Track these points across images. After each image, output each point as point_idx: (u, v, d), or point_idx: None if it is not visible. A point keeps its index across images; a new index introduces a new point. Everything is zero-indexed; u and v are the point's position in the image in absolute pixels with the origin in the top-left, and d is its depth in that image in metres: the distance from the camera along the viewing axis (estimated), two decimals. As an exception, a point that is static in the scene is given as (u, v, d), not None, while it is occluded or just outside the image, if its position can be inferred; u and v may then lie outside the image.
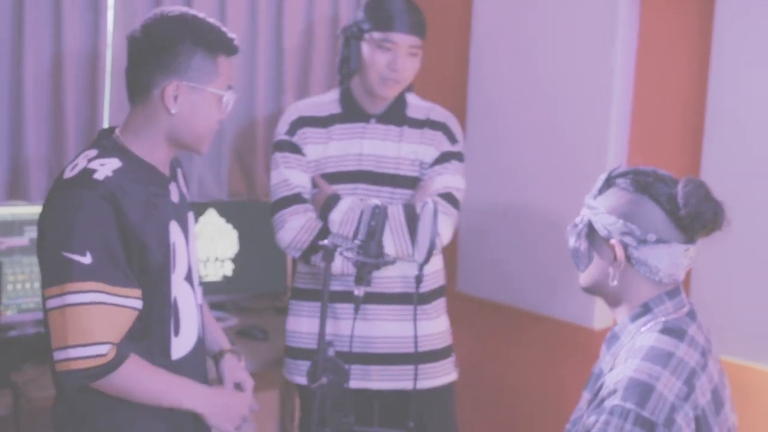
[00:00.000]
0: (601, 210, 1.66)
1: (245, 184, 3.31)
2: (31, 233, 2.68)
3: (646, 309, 1.65)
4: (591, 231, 1.68)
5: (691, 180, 1.61)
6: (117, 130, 1.89)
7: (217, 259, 3.15)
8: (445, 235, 2.46)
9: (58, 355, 1.74)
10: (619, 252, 1.63)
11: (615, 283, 1.65)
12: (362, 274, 1.90)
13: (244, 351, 2.11)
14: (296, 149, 2.50)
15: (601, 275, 1.68)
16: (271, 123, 3.31)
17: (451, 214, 2.48)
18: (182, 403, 1.88)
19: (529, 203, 3.02)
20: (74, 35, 2.84)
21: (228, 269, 3.18)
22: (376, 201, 1.89)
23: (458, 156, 2.56)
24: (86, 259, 1.72)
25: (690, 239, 1.63)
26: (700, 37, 2.69)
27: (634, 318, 1.66)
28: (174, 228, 1.90)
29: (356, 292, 1.92)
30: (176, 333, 1.91)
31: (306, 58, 3.38)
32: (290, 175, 2.48)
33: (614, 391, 1.53)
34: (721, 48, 2.59)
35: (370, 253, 1.89)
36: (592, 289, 1.74)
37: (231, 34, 1.89)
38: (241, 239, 3.19)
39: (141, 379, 1.81)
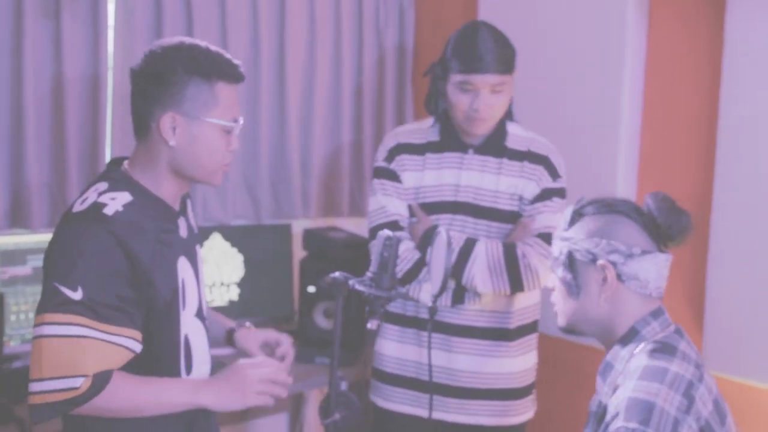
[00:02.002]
0: (578, 237, 1.70)
1: (251, 207, 3.27)
2: (34, 262, 2.64)
3: (633, 332, 1.68)
4: (572, 261, 1.72)
5: (657, 193, 1.71)
6: (126, 163, 1.86)
7: (222, 283, 3.11)
8: (542, 276, 2.40)
9: (34, 387, 1.68)
10: (610, 272, 1.67)
11: (606, 305, 1.69)
12: (374, 308, 1.84)
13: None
14: (394, 176, 2.50)
15: (591, 303, 1.71)
16: (274, 146, 3.29)
17: (550, 255, 2.42)
18: (181, 403, 1.78)
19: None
20: (74, 56, 2.79)
21: (234, 294, 3.14)
22: (388, 232, 1.84)
23: (560, 192, 2.48)
24: (76, 294, 1.67)
25: (665, 249, 1.70)
26: (711, 52, 2.65)
27: (624, 343, 1.69)
28: (183, 264, 1.85)
29: (369, 326, 1.86)
30: (188, 371, 1.86)
31: (309, 82, 3.35)
32: (387, 202, 2.49)
33: (616, 415, 1.54)
34: (732, 62, 2.56)
35: (383, 286, 1.83)
36: (578, 323, 1.75)
37: (235, 61, 1.83)
38: (247, 263, 3.16)
39: (127, 398, 1.72)
